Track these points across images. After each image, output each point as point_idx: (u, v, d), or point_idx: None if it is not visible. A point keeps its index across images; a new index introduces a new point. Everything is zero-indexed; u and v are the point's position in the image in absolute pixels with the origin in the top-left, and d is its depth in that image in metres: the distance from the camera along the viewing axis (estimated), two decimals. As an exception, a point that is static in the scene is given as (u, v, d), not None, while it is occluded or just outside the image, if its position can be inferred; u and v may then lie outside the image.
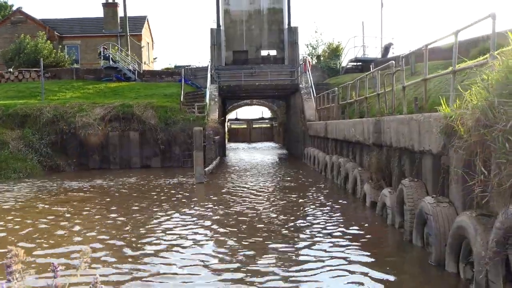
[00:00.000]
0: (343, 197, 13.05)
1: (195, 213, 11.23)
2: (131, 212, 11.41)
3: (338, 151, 16.42)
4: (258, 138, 54.20)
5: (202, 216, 10.78)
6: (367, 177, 11.94)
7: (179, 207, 12.08)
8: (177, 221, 10.33)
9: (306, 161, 23.01)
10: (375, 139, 10.90)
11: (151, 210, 11.64)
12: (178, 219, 10.49)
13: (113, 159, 23.28)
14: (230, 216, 10.74)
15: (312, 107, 23.89)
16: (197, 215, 10.97)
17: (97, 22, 43.28)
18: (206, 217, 10.72)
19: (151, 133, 23.14)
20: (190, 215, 10.97)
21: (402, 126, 8.73)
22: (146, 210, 11.65)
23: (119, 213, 11.38)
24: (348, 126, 13.83)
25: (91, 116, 23.25)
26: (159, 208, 11.93)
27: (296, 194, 13.64)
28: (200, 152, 16.41)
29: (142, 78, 33.04)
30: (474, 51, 18.17)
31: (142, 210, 11.64)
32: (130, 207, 12.13)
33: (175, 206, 12.23)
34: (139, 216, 10.86)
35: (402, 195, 8.19)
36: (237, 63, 34.07)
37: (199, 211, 11.50)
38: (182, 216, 10.87)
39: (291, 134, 32.20)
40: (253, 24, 34.43)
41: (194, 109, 23.97)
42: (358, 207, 11.43)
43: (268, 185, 16.01)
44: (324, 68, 33.86)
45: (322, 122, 19.07)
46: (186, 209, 11.79)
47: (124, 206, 12.34)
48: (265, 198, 13.25)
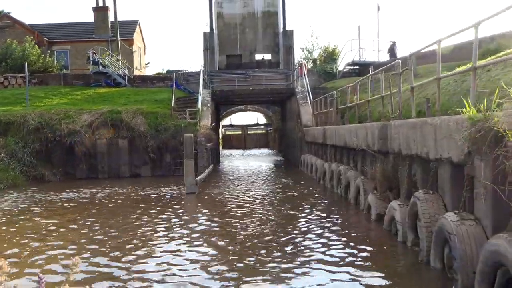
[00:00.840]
0: (345, 208, 12.06)
1: (182, 229, 10.21)
2: (115, 227, 10.38)
3: (337, 159, 15.45)
4: (253, 145, 53.17)
5: (189, 234, 9.75)
6: (371, 187, 10.97)
7: (166, 222, 11.04)
8: (163, 241, 9.30)
9: (303, 168, 22.03)
10: (380, 146, 9.93)
11: (136, 226, 10.60)
12: (164, 239, 9.46)
13: (101, 168, 22.20)
14: (221, 233, 9.72)
15: (309, 112, 22.94)
16: (184, 232, 9.94)
17: (87, 27, 42.25)
18: (194, 234, 9.70)
19: (141, 140, 22.07)
20: (177, 232, 9.94)
21: (413, 131, 7.76)
22: (131, 226, 10.61)
23: (102, 229, 10.34)
24: (349, 131, 12.86)
25: (78, 123, 22.20)
26: (145, 223, 10.90)
27: (294, 205, 12.64)
28: (191, 161, 15.39)
29: (132, 83, 32.00)
30: (479, 53, 17.28)
31: (127, 226, 10.60)
32: (114, 223, 11.08)
33: (162, 221, 11.19)
34: (123, 234, 9.82)
35: (416, 209, 7.20)
36: (230, 67, 33.10)
37: (187, 227, 10.47)
38: (168, 233, 9.84)
39: (287, 140, 31.23)
40: (247, 27, 33.50)
41: (185, 115, 22.95)
42: (362, 220, 10.43)
43: (263, 195, 15.00)
44: (320, 72, 32.96)
45: (320, 128, 18.11)
46: (174, 224, 10.77)
47: (108, 221, 11.29)
48: (260, 210, 12.24)
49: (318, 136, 18.32)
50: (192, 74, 33.53)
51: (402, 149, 8.43)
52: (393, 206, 8.45)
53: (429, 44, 8.38)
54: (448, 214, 6.00)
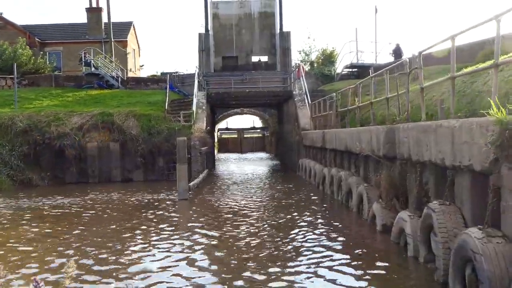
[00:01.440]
0: (347, 217, 11.34)
1: (173, 239, 9.45)
2: (100, 236, 9.62)
3: (338, 163, 14.74)
4: (249, 148, 52.39)
5: (181, 244, 9.00)
6: (375, 195, 10.24)
7: (156, 232, 10.28)
8: (150, 252, 8.55)
9: (300, 173, 21.30)
10: (386, 151, 9.21)
11: (123, 236, 9.84)
12: (153, 249, 8.70)
13: (92, 172, 21.39)
14: (214, 244, 8.98)
15: (307, 115, 22.22)
16: (175, 242, 9.18)
17: (80, 28, 41.47)
18: (185, 244, 8.94)
19: (133, 143, 21.29)
20: (167, 241, 9.18)
21: (426, 135, 7.04)
22: (118, 236, 9.84)
23: (89, 239, 9.57)
24: (351, 135, 12.15)
25: (68, 126, 21.42)
26: (133, 233, 10.13)
27: (292, 214, 11.89)
28: (184, 165, 14.64)
29: (126, 85, 31.24)
30: (481, 54, 16.74)
31: (113, 236, 9.83)
32: (100, 232, 10.31)
33: (152, 230, 10.43)
34: (109, 244, 9.06)
35: (430, 222, 6.48)
36: (226, 69, 32.44)
37: (178, 236, 9.71)
38: (158, 243, 9.09)
39: (284, 144, 30.50)
40: (243, 28, 32.87)
41: (180, 117, 22.21)
42: (366, 231, 9.69)
43: (259, 202, 14.26)
44: (317, 75, 32.22)
45: (319, 131, 17.40)
46: (164, 232, 10.01)
47: (95, 231, 10.53)
48: (255, 219, 11.49)
49: (317, 140, 17.61)
50: (187, 76, 32.75)
51: (412, 154, 7.72)
52: (403, 217, 7.72)
53: (442, 40, 7.68)
54: (472, 230, 5.26)
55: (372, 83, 12.12)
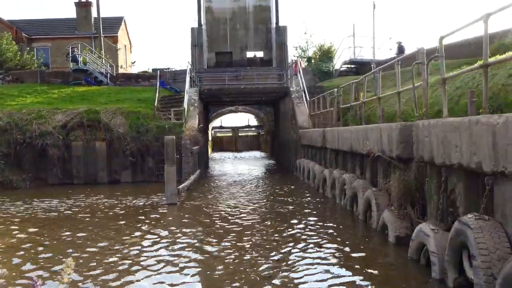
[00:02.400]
0: (353, 225, 10.16)
1: (156, 253, 8.24)
2: (79, 247, 8.40)
3: (340, 165, 13.56)
4: (244, 147, 51.18)
5: (163, 260, 7.79)
6: (385, 201, 9.08)
7: (139, 244, 9.07)
8: (130, 268, 7.33)
9: (298, 174, 20.12)
10: (401, 151, 8.04)
11: (98, 248, 8.62)
12: (133, 267, 7.48)
13: (77, 173, 20.11)
14: (203, 258, 7.77)
15: (305, 113, 21.03)
16: (159, 258, 7.97)
17: (69, 23, 40.16)
18: (170, 260, 7.73)
19: (120, 142, 20.02)
20: (149, 256, 7.97)
21: (455, 134, 5.87)
22: (94, 248, 8.62)
23: (67, 247, 8.35)
24: (356, 134, 10.96)
25: (51, 124, 20.14)
26: (112, 245, 8.91)
27: (292, 221, 10.71)
28: (172, 167, 13.42)
29: (115, 82, 29.94)
30: (490, 48, 15.67)
31: (83, 247, 8.61)
32: (74, 245, 9.08)
33: (136, 242, 9.22)
34: (80, 260, 7.84)
35: (463, 240, 5.31)
36: (220, 65, 31.17)
37: (163, 248, 8.51)
38: (139, 259, 7.88)
39: (280, 143, 29.32)
40: (238, 23, 31.59)
41: (170, 115, 20.97)
42: (377, 243, 8.52)
43: (255, 207, 13.05)
44: (315, 71, 31.04)
45: (318, 130, 16.21)
46: (147, 245, 8.80)
47: (76, 239, 9.31)
48: (250, 227, 10.29)
49: (316, 139, 16.42)
50: (180, 72, 31.49)
51: (435, 156, 6.54)
52: (424, 230, 6.54)
53: (471, 22, 6.49)
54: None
55: (379, 77, 10.93)
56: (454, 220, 6.25)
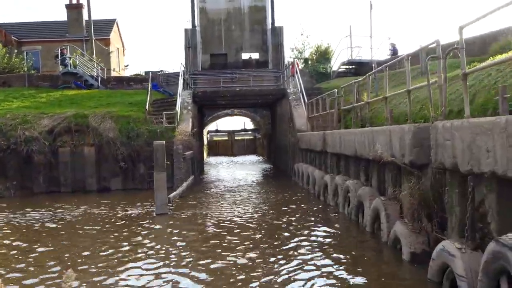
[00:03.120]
0: (359, 238, 9.22)
1: (142, 273, 7.29)
2: (59, 262, 7.45)
3: (342, 170, 12.65)
4: (240, 151, 50.26)
5: (152, 280, 6.85)
6: (396, 211, 8.17)
7: (122, 261, 8.12)
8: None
9: (296, 179, 19.20)
10: (415, 157, 7.14)
11: (81, 265, 7.66)
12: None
13: (64, 181, 19.12)
14: (195, 275, 6.84)
15: (303, 115, 20.12)
16: (147, 277, 7.02)
17: (60, 26, 39.26)
18: (156, 284, 6.79)
19: (110, 148, 19.07)
20: (135, 276, 7.02)
21: (486, 137, 4.97)
22: (75, 266, 7.67)
23: (48, 263, 7.39)
24: (361, 137, 10.05)
25: (37, 129, 19.18)
26: (88, 264, 7.96)
27: (292, 233, 9.78)
28: (162, 174, 12.48)
29: (106, 85, 28.98)
30: (495, 46, 14.93)
31: (59, 264, 7.66)
32: (47, 266, 8.13)
33: (121, 258, 8.27)
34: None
35: (503, 265, 4.40)
36: (215, 67, 30.29)
37: (148, 268, 7.56)
38: (123, 280, 6.93)
39: (277, 147, 28.40)
40: (233, 24, 30.75)
41: (162, 118, 20.03)
42: (389, 260, 7.59)
43: (251, 217, 12.10)
44: (312, 73, 30.15)
45: (318, 133, 15.30)
46: (131, 262, 7.86)
47: (56, 253, 8.35)
48: (247, 241, 9.35)
49: (315, 143, 15.51)
50: (173, 75, 30.52)
51: (459, 162, 5.64)
52: (448, 248, 5.62)
53: (499, 7, 5.59)
54: None
55: (386, 75, 10.01)
56: (484, 237, 5.36)
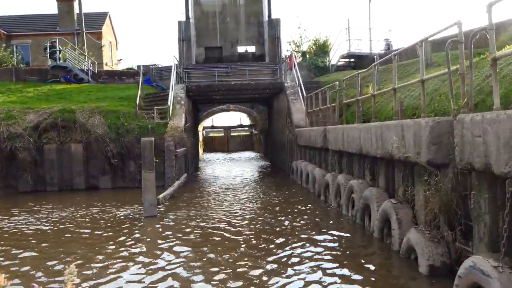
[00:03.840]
0: (366, 245, 8.32)
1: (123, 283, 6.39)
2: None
3: (345, 168, 11.75)
4: (236, 148, 49.32)
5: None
6: (409, 216, 7.28)
7: (103, 272, 7.19)
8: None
9: (295, 177, 18.30)
10: (433, 155, 6.23)
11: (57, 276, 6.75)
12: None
13: (50, 179, 18.16)
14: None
15: (302, 110, 19.20)
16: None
17: (51, 19, 38.29)
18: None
19: (99, 145, 18.11)
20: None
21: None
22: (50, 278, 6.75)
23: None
24: (367, 133, 9.13)
25: (21, 125, 18.18)
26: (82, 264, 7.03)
27: (291, 237, 8.88)
28: (151, 173, 11.55)
29: (98, 79, 28.01)
30: (504, 37, 14.09)
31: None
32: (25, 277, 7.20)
33: (102, 265, 7.35)
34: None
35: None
36: (209, 61, 29.34)
37: (130, 280, 6.65)
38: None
39: (275, 143, 27.48)
40: (228, 16, 29.78)
41: (154, 113, 19.09)
42: (403, 274, 6.67)
43: (246, 220, 11.19)
44: (310, 66, 29.20)
45: (318, 129, 14.38)
46: (114, 273, 6.94)
47: (34, 262, 7.42)
48: (240, 247, 8.44)
49: (315, 139, 14.60)
50: (167, 68, 29.46)
51: (493, 162, 4.73)
52: (480, 266, 4.71)
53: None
54: None
55: (395, 65, 9.08)
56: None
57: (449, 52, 6.24)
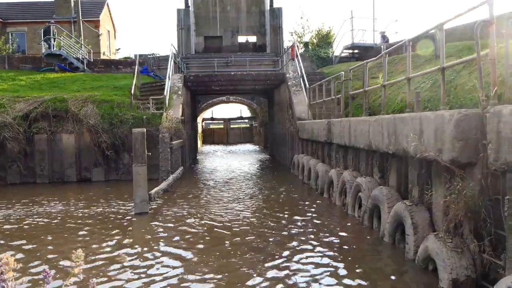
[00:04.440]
0: (375, 251, 7.51)
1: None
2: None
3: (351, 164, 10.95)
4: (236, 140, 48.52)
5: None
6: (425, 221, 6.49)
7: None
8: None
9: (295, 171, 17.52)
10: (458, 152, 5.43)
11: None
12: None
13: (40, 171, 17.40)
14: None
15: (304, 102, 18.37)
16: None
17: (47, 7, 37.39)
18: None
19: (91, 136, 17.36)
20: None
21: None
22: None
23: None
24: (378, 127, 8.31)
25: (10, 114, 17.38)
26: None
27: (292, 241, 8.10)
28: (142, 167, 10.74)
29: (93, 68, 27.13)
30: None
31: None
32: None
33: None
34: None
35: None
36: (209, 50, 28.46)
37: (115, 286, 5.89)
38: None
39: (275, 136, 26.66)
40: (229, 4, 28.84)
41: (150, 104, 18.26)
42: (420, 285, 5.90)
43: (244, 217, 10.41)
44: (312, 58, 28.30)
45: (321, 121, 13.57)
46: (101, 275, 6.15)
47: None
48: (237, 249, 7.66)
49: (318, 133, 13.80)
50: (165, 58, 28.59)
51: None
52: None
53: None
54: None
55: (409, 52, 8.24)
56: None
57: (478, 34, 5.40)
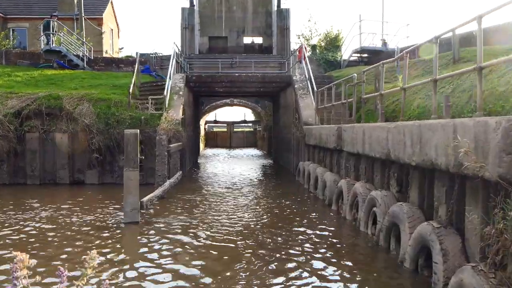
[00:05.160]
0: (393, 278, 6.52)
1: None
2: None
3: (363, 175, 9.96)
4: (239, 144, 47.58)
5: None
6: (457, 247, 5.49)
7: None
8: None
9: (300, 179, 16.53)
10: (507, 168, 4.45)
11: None
12: None
13: (31, 171, 16.48)
14: None
15: (311, 106, 17.40)
16: None
17: (49, 3, 36.58)
18: None
19: (86, 136, 16.43)
20: None
21: None
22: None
23: None
24: (398, 134, 7.32)
25: (1, 110, 16.49)
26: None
27: (296, 262, 7.11)
28: (134, 172, 9.79)
29: (94, 66, 26.25)
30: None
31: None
32: None
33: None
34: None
35: None
36: (213, 51, 27.56)
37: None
38: None
39: (280, 141, 25.67)
40: (235, 4, 27.96)
41: (148, 103, 17.33)
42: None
43: (244, 230, 9.42)
44: (320, 61, 27.35)
45: (331, 127, 12.57)
46: None
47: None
48: (235, 267, 6.67)
49: (327, 139, 12.81)
50: (168, 57, 27.72)
51: None
52: None
53: None
54: None
55: (436, 49, 7.26)
56: None
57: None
